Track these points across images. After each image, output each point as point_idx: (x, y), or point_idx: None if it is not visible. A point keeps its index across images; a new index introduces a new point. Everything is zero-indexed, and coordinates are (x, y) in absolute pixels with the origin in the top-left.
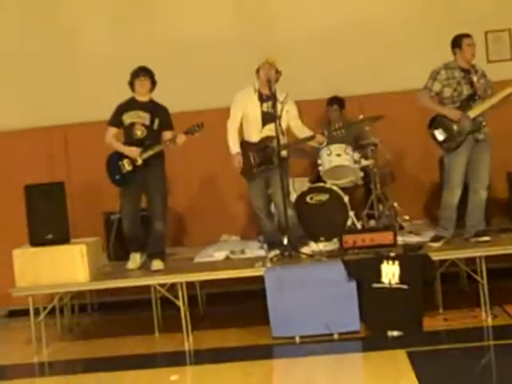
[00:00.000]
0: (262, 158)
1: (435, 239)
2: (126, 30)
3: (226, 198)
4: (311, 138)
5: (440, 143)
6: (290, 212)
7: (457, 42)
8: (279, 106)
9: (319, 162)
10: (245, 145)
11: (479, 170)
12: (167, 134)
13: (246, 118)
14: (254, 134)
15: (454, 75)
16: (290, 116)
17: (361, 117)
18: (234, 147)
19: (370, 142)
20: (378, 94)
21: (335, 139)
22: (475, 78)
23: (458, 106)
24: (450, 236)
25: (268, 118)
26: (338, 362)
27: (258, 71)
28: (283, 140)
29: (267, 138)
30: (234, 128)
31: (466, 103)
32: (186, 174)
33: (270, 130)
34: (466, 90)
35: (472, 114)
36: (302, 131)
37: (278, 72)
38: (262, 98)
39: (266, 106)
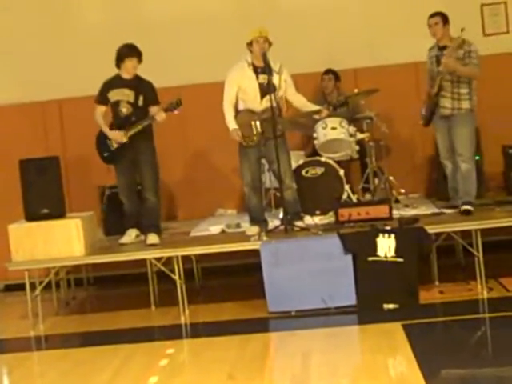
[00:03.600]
0: (265, 128)
1: (450, 207)
2: (119, 5)
3: (222, 171)
4: (316, 112)
5: (421, 119)
6: (294, 185)
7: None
8: (276, 76)
9: (314, 135)
10: (246, 113)
11: (455, 143)
12: (153, 109)
13: (243, 92)
14: (255, 107)
15: (431, 54)
16: (286, 85)
17: (356, 90)
18: (231, 124)
19: (365, 116)
20: (373, 68)
21: (332, 112)
22: (446, 55)
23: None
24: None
25: (265, 89)
26: (334, 335)
27: (250, 44)
28: (283, 111)
29: (262, 112)
30: (230, 105)
31: (435, 81)
32: (182, 148)
33: (269, 101)
34: (435, 68)
35: (433, 90)
36: (298, 99)
37: (269, 44)
38: (256, 71)
39: (262, 77)
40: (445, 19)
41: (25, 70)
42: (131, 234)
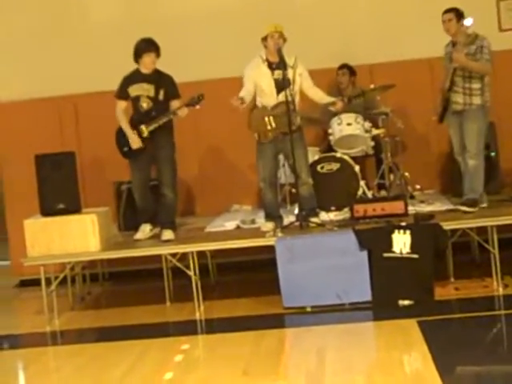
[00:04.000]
0: (279, 123)
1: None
2: (135, 0)
3: (237, 167)
4: (332, 103)
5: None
6: (310, 181)
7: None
8: (290, 71)
9: (330, 131)
10: (260, 109)
11: (464, 139)
12: (175, 103)
13: (259, 89)
14: (272, 102)
15: (447, 50)
16: (302, 78)
17: (372, 86)
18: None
19: (380, 112)
20: (389, 63)
21: (346, 107)
22: (457, 50)
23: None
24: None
25: (281, 84)
26: (350, 331)
27: (265, 39)
28: (297, 105)
29: (282, 103)
30: (246, 93)
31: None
32: (197, 144)
33: (285, 96)
34: (448, 64)
35: (446, 86)
36: (315, 92)
37: (284, 39)
38: (271, 67)
39: (277, 73)
40: (459, 15)
41: (40, 66)
42: (145, 229)
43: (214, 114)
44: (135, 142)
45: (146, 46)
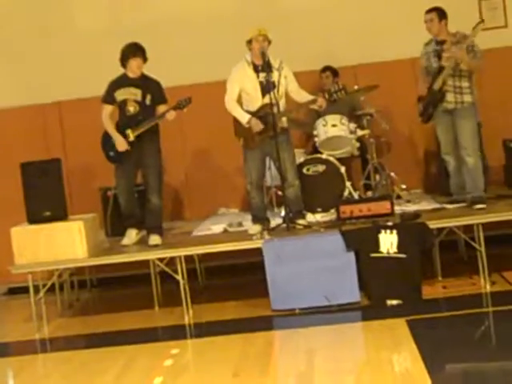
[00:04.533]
0: (263, 126)
1: (451, 202)
2: (121, 5)
3: (223, 171)
4: (313, 101)
5: (419, 116)
6: (297, 183)
7: None
8: (276, 73)
9: (315, 132)
10: None
11: (460, 137)
12: (161, 108)
13: (245, 92)
14: (256, 106)
15: (428, 49)
16: (287, 81)
17: (356, 87)
18: (244, 115)
19: (365, 112)
20: (373, 64)
21: (331, 109)
22: (446, 50)
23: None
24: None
25: (266, 87)
26: (338, 332)
27: (249, 42)
28: (283, 107)
29: (266, 106)
30: (234, 102)
31: (435, 76)
32: (183, 149)
33: (270, 99)
34: (434, 63)
35: (436, 86)
36: (299, 94)
37: (269, 42)
38: (256, 69)
39: (263, 76)
40: (441, 15)
41: (24, 73)
42: (131, 234)
43: (200, 118)
44: (121, 145)
45: (132, 51)
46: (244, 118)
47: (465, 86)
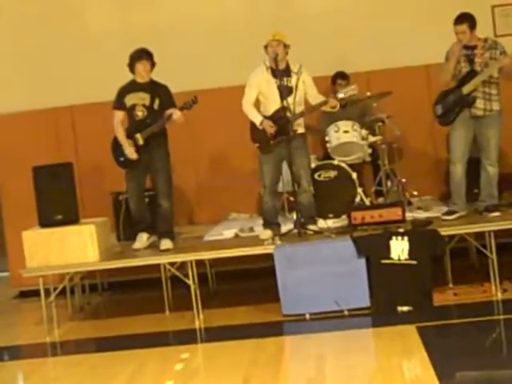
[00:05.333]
0: (278, 129)
1: (448, 213)
2: (133, 11)
3: (234, 176)
4: (324, 103)
5: (437, 117)
6: (311, 189)
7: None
8: (294, 78)
9: (327, 138)
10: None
11: (484, 146)
12: (167, 112)
13: (264, 96)
14: (273, 110)
15: (455, 49)
16: (305, 86)
17: (368, 93)
18: (258, 117)
19: (377, 119)
20: (386, 70)
21: (343, 115)
22: (478, 54)
23: (457, 83)
24: (463, 210)
25: (285, 91)
26: (349, 338)
27: (266, 47)
28: (299, 110)
29: (280, 109)
30: (250, 104)
31: (464, 80)
32: (194, 154)
33: (285, 103)
34: (464, 68)
35: (465, 90)
36: (317, 100)
37: (286, 46)
38: (275, 74)
39: (281, 80)
40: (472, 25)
41: (36, 78)
42: (142, 238)
43: (211, 123)
44: (131, 154)
45: (138, 55)
46: (258, 120)
47: (494, 93)
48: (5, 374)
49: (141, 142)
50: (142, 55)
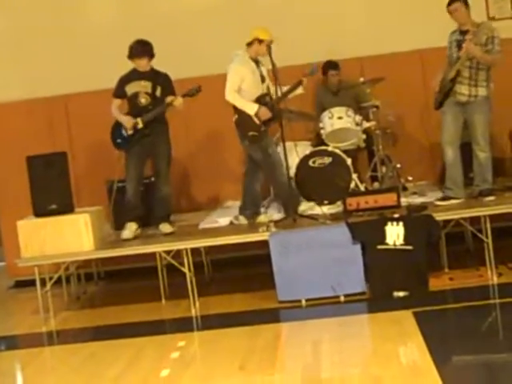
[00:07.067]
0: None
1: (442, 199)
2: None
3: (229, 162)
4: (298, 83)
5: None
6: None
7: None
8: (263, 67)
9: (321, 125)
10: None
11: (472, 131)
12: (167, 99)
13: (247, 85)
14: (254, 97)
15: (451, 38)
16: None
17: (361, 79)
18: (252, 105)
19: (371, 104)
20: (379, 56)
21: (337, 101)
22: (467, 40)
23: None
24: (458, 196)
25: (262, 80)
26: (345, 324)
27: (259, 42)
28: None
29: (262, 96)
30: (236, 93)
31: (453, 66)
32: (188, 140)
33: (265, 89)
34: (454, 53)
35: (450, 75)
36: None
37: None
38: (257, 64)
39: (259, 70)
40: (465, 2)
41: (30, 67)
42: (131, 228)
43: (205, 109)
44: (128, 122)
45: (138, 52)
46: (252, 108)
47: (481, 78)
48: (2, 364)
49: (141, 124)
50: (139, 53)
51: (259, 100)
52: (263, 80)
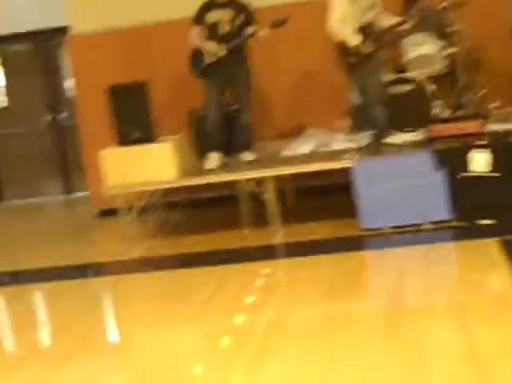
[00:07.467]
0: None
1: None
2: None
3: (312, 91)
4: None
5: None
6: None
7: None
8: None
9: (403, 52)
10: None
11: None
12: (250, 29)
13: (351, 12)
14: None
15: None
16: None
17: (443, 4)
18: (354, 37)
19: (454, 29)
20: None
21: (419, 27)
22: None
23: None
24: None
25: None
26: (429, 252)
27: None
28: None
29: (366, 26)
30: (343, 24)
31: None
32: (273, 67)
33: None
34: None
35: None
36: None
37: None
38: None
39: None
40: None
41: None
42: (214, 158)
43: (291, 35)
44: (211, 47)
45: None
46: (355, 41)
47: None
48: (90, 289)
49: (223, 52)
50: None
51: (363, 30)
52: (372, 7)
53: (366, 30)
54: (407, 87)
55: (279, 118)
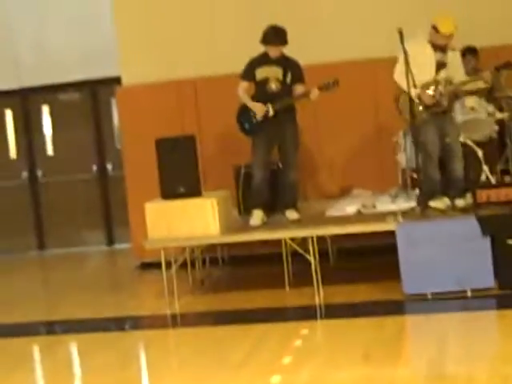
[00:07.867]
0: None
1: None
2: None
3: (358, 151)
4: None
5: None
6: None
7: None
8: (450, 55)
9: (453, 115)
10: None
11: None
12: (299, 88)
13: (416, 64)
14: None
15: None
16: (455, 66)
17: (493, 68)
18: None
19: (505, 95)
20: None
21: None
22: None
23: None
24: None
25: (438, 65)
26: (472, 320)
27: (432, 28)
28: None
29: (430, 83)
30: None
31: None
32: (317, 126)
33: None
34: None
35: None
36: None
37: None
38: (435, 48)
39: (439, 55)
40: None
41: (161, 49)
42: (258, 215)
43: (335, 95)
44: (260, 110)
45: (272, 39)
46: (415, 92)
47: None
48: (125, 344)
49: (272, 112)
50: (276, 41)
51: (425, 86)
52: (441, 67)
53: (427, 85)
54: None
55: (324, 178)
